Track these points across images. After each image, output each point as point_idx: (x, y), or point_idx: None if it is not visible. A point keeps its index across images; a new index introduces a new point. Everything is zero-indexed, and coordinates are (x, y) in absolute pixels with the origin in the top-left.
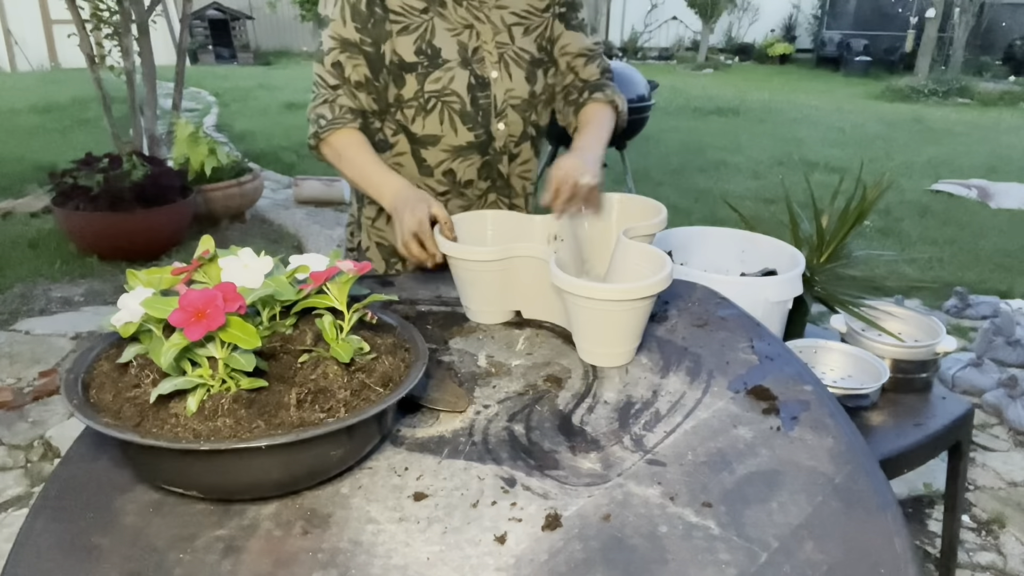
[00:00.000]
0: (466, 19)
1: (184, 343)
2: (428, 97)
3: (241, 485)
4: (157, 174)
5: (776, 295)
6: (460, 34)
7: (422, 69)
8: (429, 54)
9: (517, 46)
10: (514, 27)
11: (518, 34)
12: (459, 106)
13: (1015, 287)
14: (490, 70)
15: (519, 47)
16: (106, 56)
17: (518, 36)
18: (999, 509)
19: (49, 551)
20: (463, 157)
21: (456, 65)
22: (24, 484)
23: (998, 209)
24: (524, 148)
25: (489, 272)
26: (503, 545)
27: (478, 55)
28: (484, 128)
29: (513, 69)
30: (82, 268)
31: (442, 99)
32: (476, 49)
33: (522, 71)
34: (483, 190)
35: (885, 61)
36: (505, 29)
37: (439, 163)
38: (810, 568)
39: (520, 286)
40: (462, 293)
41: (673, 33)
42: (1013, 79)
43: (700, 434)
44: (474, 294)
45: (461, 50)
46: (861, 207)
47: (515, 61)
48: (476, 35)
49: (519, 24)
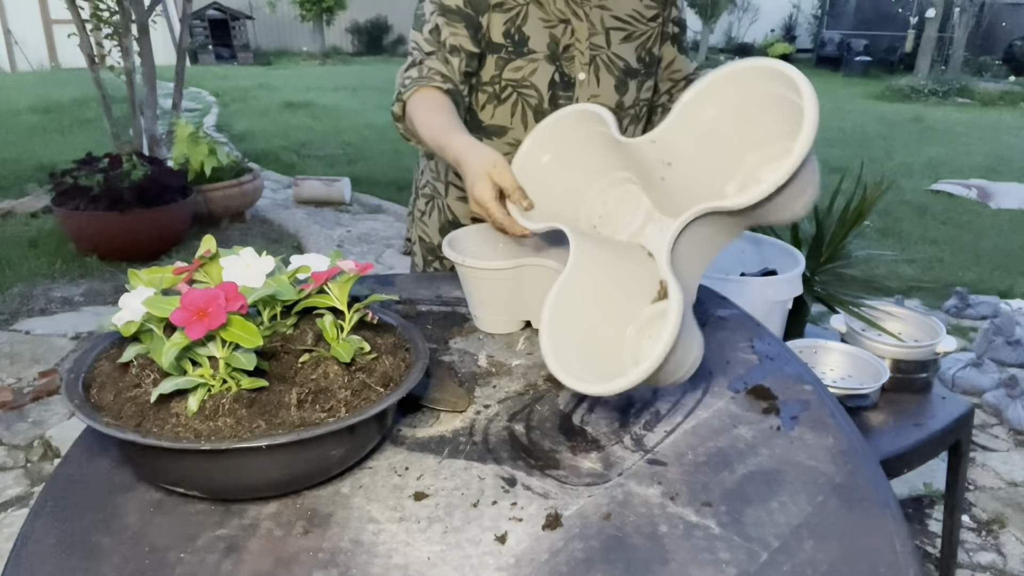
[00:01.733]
0: (564, 13)
1: (185, 342)
2: (505, 85)
3: (242, 485)
4: (157, 174)
5: (776, 295)
6: (555, 27)
7: (505, 54)
8: (516, 40)
9: (612, 51)
10: (613, 31)
11: (616, 39)
12: (536, 101)
13: (1015, 287)
14: (578, 71)
15: (614, 52)
16: (106, 56)
17: (616, 41)
18: (999, 509)
19: (49, 551)
20: None
21: (542, 58)
22: (24, 484)
23: (998, 209)
24: None
25: (499, 282)
26: (503, 545)
27: (568, 52)
28: None
29: (603, 74)
30: (82, 268)
31: (519, 90)
32: (568, 47)
33: (612, 78)
34: None
35: (885, 61)
36: (603, 31)
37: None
38: (810, 568)
39: (530, 295)
40: (470, 302)
41: None
42: (1013, 79)
43: (700, 434)
44: (483, 303)
45: (552, 44)
46: (861, 207)
47: (607, 66)
48: (571, 31)
49: (620, 29)
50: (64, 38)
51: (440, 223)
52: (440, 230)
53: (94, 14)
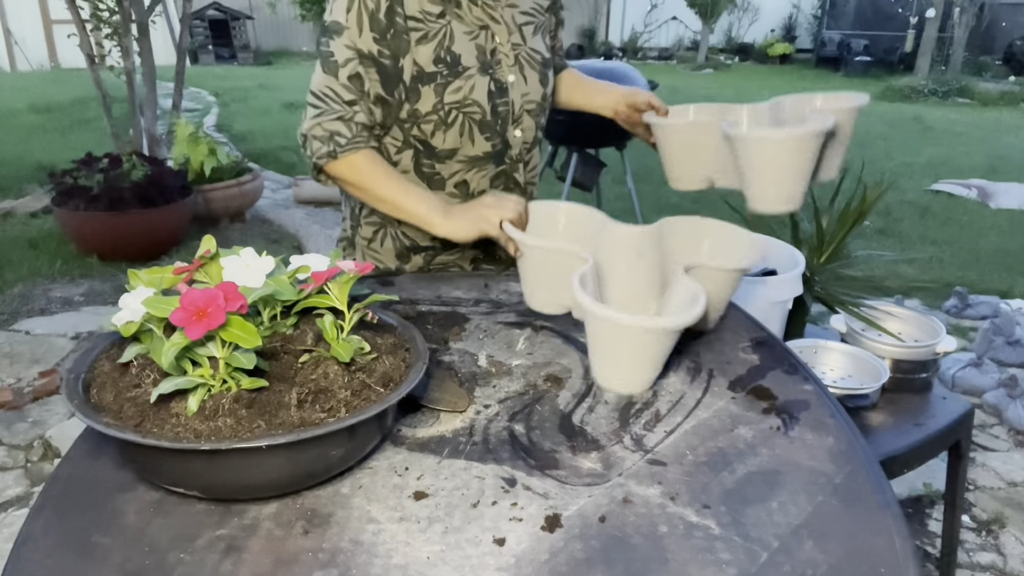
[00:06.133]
0: (481, 19)
1: (185, 342)
2: (449, 109)
3: (242, 485)
4: (157, 174)
5: (776, 295)
6: (477, 36)
7: (441, 79)
8: (448, 62)
9: (529, 47)
10: (524, 27)
11: (528, 34)
12: (479, 116)
13: (1015, 287)
14: (507, 74)
15: (531, 48)
16: (106, 56)
17: (528, 36)
18: (999, 509)
19: (49, 551)
20: (478, 168)
21: (476, 72)
22: (24, 484)
23: (998, 209)
24: (534, 153)
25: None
26: (503, 545)
27: (495, 57)
28: (501, 136)
29: (528, 71)
30: (82, 268)
31: (463, 110)
32: (493, 51)
33: (536, 73)
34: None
35: (885, 61)
36: (517, 29)
37: (452, 175)
38: (810, 568)
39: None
40: (525, 281)
41: (673, 33)
42: (1013, 79)
43: (700, 434)
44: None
45: (480, 54)
46: (861, 207)
47: (529, 63)
48: (492, 36)
49: (528, 23)
50: (64, 38)
51: (396, 249)
52: (398, 256)
53: (94, 14)
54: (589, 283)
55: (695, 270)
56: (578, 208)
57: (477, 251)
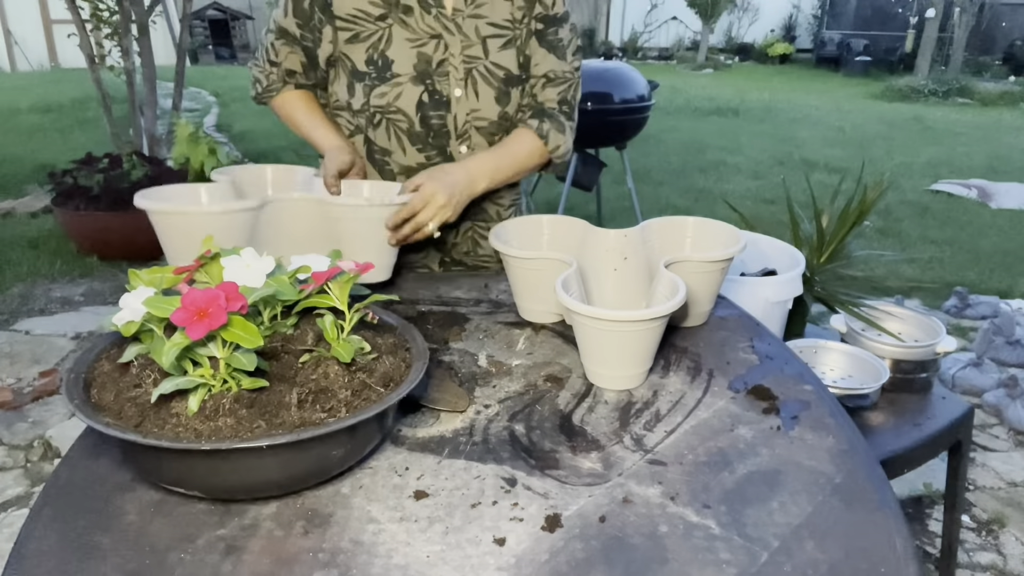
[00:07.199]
0: (433, 29)
1: (186, 342)
2: (374, 112)
3: (242, 485)
4: (157, 174)
5: (776, 295)
6: (424, 45)
7: (369, 81)
8: (379, 65)
9: (491, 61)
10: (491, 39)
11: (494, 47)
12: (406, 125)
13: (1015, 287)
14: (453, 87)
15: (493, 62)
16: (106, 56)
17: (494, 50)
18: (999, 509)
19: (49, 551)
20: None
21: (407, 80)
22: (24, 484)
23: (998, 209)
24: None
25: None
26: (503, 545)
27: (442, 69)
28: (438, 150)
29: (481, 87)
30: (82, 268)
31: (387, 115)
32: (441, 63)
33: (492, 90)
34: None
35: (885, 61)
36: (479, 41)
37: (396, 177)
38: (810, 568)
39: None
40: (516, 294)
41: (673, 33)
42: (1013, 79)
43: (700, 434)
44: (528, 294)
45: (420, 63)
46: (861, 207)
47: (484, 78)
48: (444, 47)
49: (498, 36)
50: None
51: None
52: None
53: (94, 14)
54: (573, 286)
55: (679, 265)
56: (561, 219)
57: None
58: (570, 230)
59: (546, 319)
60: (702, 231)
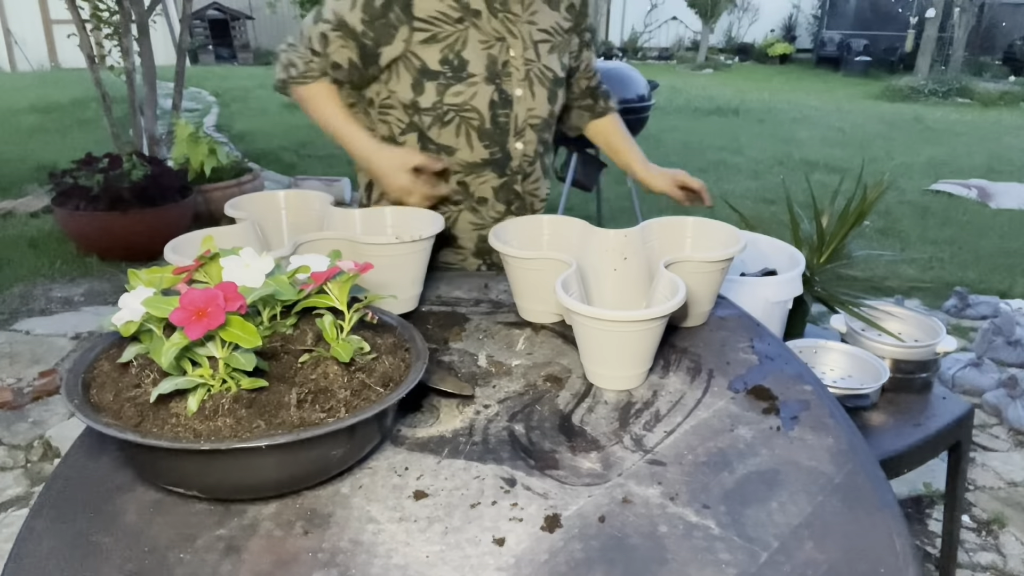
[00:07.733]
0: (499, 31)
1: (185, 342)
2: (447, 110)
3: (241, 485)
4: (157, 174)
5: (776, 295)
6: (492, 47)
7: (444, 80)
8: (455, 65)
9: (543, 63)
10: (540, 44)
11: (543, 51)
12: (478, 123)
13: (1015, 287)
14: (515, 87)
15: (544, 65)
16: (106, 56)
17: (544, 53)
18: (999, 509)
19: (49, 551)
20: (476, 174)
21: (481, 80)
22: (24, 484)
23: (998, 209)
24: (536, 167)
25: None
26: (503, 545)
27: (506, 69)
28: (500, 146)
29: (537, 88)
30: (82, 268)
31: (461, 113)
32: (505, 63)
33: (545, 90)
34: (501, 212)
35: (885, 61)
36: (532, 46)
37: (455, 173)
38: (810, 568)
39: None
40: (516, 294)
41: (673, 33)
42: (1013, 79)
43: (700, 434)
44: (528, 295)
45: (490, 64)
46: (861, 207)
47: (539, 79)
48: (507, 49)
49: (545, 41)
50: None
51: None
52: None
53: (94, 14)
54: (572, 286)
55: (680, 265)
56: (561, 219)
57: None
58: (570, 230)
59: (546, 319)
60: (702, 231)
